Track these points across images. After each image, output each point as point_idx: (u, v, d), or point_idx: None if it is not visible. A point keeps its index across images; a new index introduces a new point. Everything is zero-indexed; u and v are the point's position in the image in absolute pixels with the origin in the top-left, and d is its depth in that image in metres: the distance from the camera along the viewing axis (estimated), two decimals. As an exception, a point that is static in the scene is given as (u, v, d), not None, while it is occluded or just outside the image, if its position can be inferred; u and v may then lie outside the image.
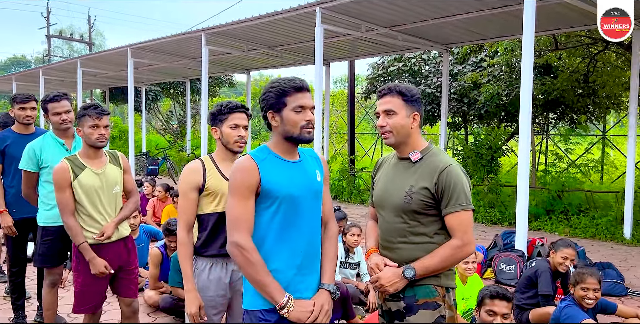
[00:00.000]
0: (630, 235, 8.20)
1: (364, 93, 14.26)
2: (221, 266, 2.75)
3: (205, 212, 2.75)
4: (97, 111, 3.26)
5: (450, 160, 2.32)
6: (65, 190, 3.23)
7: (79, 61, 14.88)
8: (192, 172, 2.75)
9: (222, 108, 2.81)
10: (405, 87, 2.38)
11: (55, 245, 3.76)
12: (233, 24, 9.77)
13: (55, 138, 3.86)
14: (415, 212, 2.30)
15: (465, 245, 2.24)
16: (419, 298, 2.27)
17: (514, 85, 11.42)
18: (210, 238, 2.74)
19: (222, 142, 2.82)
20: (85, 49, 53.04)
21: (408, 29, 9.47)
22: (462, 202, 2.23)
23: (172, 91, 22.36)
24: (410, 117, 2.36)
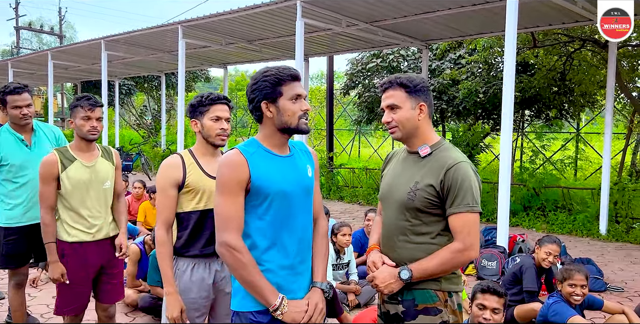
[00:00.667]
0: (605, 230, 8.33)
1: (343, 89, 14.19)
2: (204, 267, 2.62)
3: (185, 210, 2.60)
4: (89, 102, 3.11)
5: (461, 157, 2.16)
6: (50, 184, 3.08)
7: (50, 53, 14.46)
8: (171, 167, 2.60)
9: (202, 100, 2.65)
10: (407, 78, 2.22)
11: (18, 245, 3.59)
12: (211, 16, 9.59)
13: (13, 133, 3.62)
14: (418, 210, 2.15)
15: (466, 249, 2.08)
16: (419, 303, 2.15)
17: (492, 83, 11.50)
18: (192, 237, 2.60)
19: (203, 135, 2.66)
20: (55, 42, 51.74)
21: (388, 24, 9.43)
22: (467, 203, 2.08)
23: (146, 85, 21.99)
24: (416, 108, 2.20)
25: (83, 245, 3.14)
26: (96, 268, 3.21)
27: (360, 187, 12.30)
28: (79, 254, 3.12)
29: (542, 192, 9.78)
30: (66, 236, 3.11)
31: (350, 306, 4.80)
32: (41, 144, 3.69)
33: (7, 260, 3.62)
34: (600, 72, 10.48)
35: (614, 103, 12.32)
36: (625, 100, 10.49)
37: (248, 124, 25.52)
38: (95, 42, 12.45)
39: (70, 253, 3.10)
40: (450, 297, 2.16)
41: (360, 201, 11.67)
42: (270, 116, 2.06)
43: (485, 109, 12.15)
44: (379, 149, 19.83)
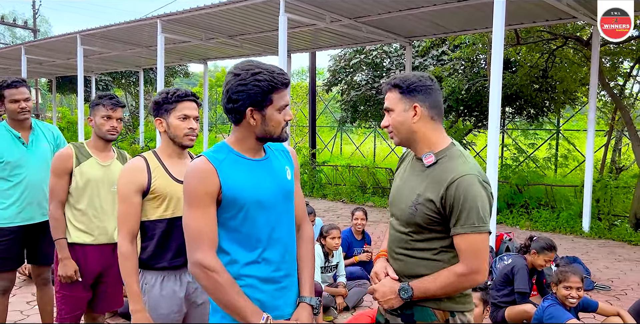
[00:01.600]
0: (588, 228, 8.36)
1: (326, 85, 14.06)
2: (174, 279, 2.39)
3: (150, 218, 2.37)
4: (112, 102, 2.98)
5: (468, 169, 1.90)
6: (62, 177, 2.96)
7: (23, 48, 14.03)
8: (135, 171, 2.35)
9: (168, 96, 2.40)
10: (402, 77, 2.02)
11: (10, 247, 3.41)
12: (191, 10, 9.37)
13: (10, 130, 3.46)
14: (419, 225, 1.97)
15: (472, 273, 1.89)
16: (417, 320, 2.01)
17: (474, 80, 11.49)
18: (159, 248, 2.37)
19: (169, 136, 2.42)
20: (29, 36, 50.55)
21: (372, 20, 9.32)
22: (472, 222, 1.85)
23: (123, 81, 21.57)
24: (409, 110, 1.98)
25: (84, 247, 3.00)
26: (95, 273, 3.06)
27: (343, 185, 12.20)
28: (79, 256, 2.99)
29: (525, 190, 9.80)
30: (67, 237, 2.98)
31: (339, 309, 4.69)
32: (39, 143, 3.53)
33: None
34: (582, 69, 10.53)
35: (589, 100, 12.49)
36: (606, 97, 10.55)
37: (228, 121, 25.23)
38: (70, 36, 12.10)
39: (70, 255, 2.97)
40: (452, 316, 1.99)
41: (344, 199, 11.57)
42: (253, 123, 1.84)
43: (468, 106, 12.14)
44: (360, 146, 19.76)
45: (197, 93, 18.41)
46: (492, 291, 4.54)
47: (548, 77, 10.81)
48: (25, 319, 4.37)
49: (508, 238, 6.34)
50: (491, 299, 4.51)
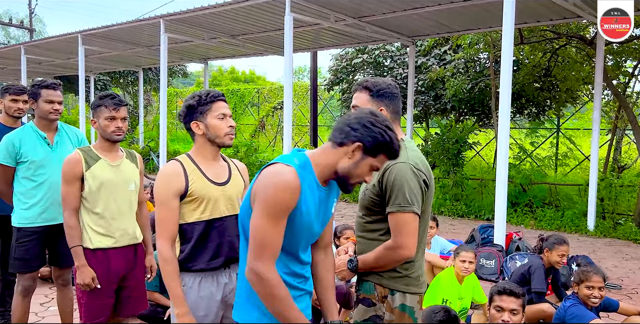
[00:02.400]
0: (593, 227, 8.38)
1: (327, 85, 14.04)
2: (211, 281, 2.40)
3: (188, 221, 2.37)
4: (114, 101, 2.91)
5: (402, 158, 2.14)
6: (74, 184, 2.89)
7: (22, 47, 13.96)
8: (172, 175, 2.35)
9: (202, 98, 2.40)
10: (373, 82, 2.32)
11: (32, 247, 3.38)
12: (195, 10, 9.35)
13: (36, 130, 3.47)
14: (366, 208, 2.28)
15: (398, 248, 2.14)
16: (361, 293, 2.28)
17: (477, 79, 11.51)
18: (197, 250, 2.38)
19: (208, 137, 2.42)
20: (23, 36, 50.21)
21: (377, 20, 9.32)
22: (399, 203, 2.12)
23: (122, 81, 21.48)
24: None
25: (106, 252, 2.95)
26: (118, 277, 3.01)
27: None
28: (102, 262, 2.93)
29: (529, 188, 9.82)
30: (88, 243, 2.92)
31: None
32: (63, 144, 3.54)
33: (20, 263, 3.40)
34: (584, 68, 10.56)
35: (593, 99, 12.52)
36: (610, 96, 10.59)
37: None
38: (71, 36, 12.04)
39: (93, 262, 2.91)
40: (392, 294, 2.22)
41: (347, 198, 11.56)
42: (349, 158, 1.91)
43: (471, 105, 12.17)
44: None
45: (196, 93, 18.31)
46: (508, 290, 4.55)
47: (550, 76, 10.84)
48: (41, 320, 4.35)
49: (517, 237, 6.34)
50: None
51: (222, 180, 2.46)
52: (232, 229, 2.44)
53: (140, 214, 3.20)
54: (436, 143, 10.22)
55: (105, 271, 2.95)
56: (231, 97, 23.87)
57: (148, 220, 3.30)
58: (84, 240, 2.92)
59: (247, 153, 14.02)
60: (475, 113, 12.51)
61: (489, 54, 11.02)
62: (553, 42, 10.34)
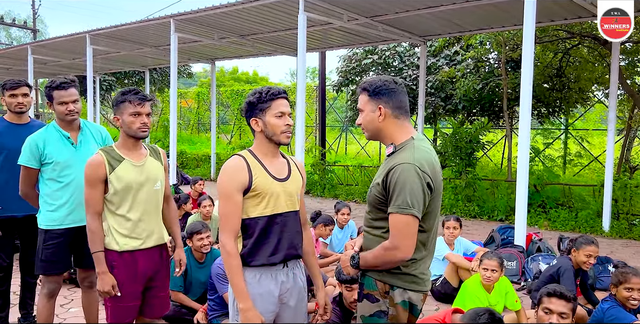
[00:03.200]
0: (609, 227, 8.32)
1: (335, 85, 13.98)
2: (271, 278, 2.42)
3: (250, 216, 2.40)
4: (138, 96, 2.82)
5: (408, 159, 2.18)
6: (97, 187, 2.80)
7: (29, 48, 13.89)
8: (237, 171, 2.38)
9: (262, 96, 2.42)
10: (369, 82, 2.34)
11: (59, 250, 3.32)
12: (206, 10, 9.28)
13: (59, 130, 3.38)
14: (371, 205, 2.33)
15: (393, 249, 2.16)
16: (365, 288, 2.32)
17: (488, 79, 11.45)
18: (258, 245, 2.40)
19: (266, 134, 2.44)
20: (25, 37, 50.12)
21: (389, 19, 9.26)
22: (399, 204, 2.14)
23: (126, 81, 21.42)
24: (376, 111, 2.30)
25: (133, 254, 2.87)
26: (145, 279, 2.94)
27: (355, 185, 12.13)
28: (129, 264, 2.86)
29: (542, 189, 9.75)
30: (115, 245, 2.84)
31: None
32: (87, 143, 3.45)
33: (46, 265, 3.33)
34: (597, 68, 10.51)
35: (607, 99, 12.45)
36: (620, 96, 10.53)
37: (230, 121, 25.10)
38: (79, 35, 11.98)
39: (120, 264, 2.84)
40: (392, 290, 2.24)
41: (357, 199, 11.50)
42: None
43: (481, 105, 12.10)
44: (366, 146, 19.68)
45: (200, 93, 18.23)
46: (535, 292, 4.48)
47: (563, 76, 10.77)
48: (63, 321, 4.28)
49: (537, 238, 6.28)
50: (535, 300, 4.46)
51: (283, 176, 2.48)
52: (292, 225, 2.49)
53: (168, 208, 3.14)
54: (448, 143, 10.15)
55: (132, 273, 2.88)
56: (236, 97, 23.80)
57: (176, 214, 3.25)
58: (110, 242, 2.85)
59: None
60: (485, 114, 12.43)
61: (500, 54, 10.96)
62: (565, 41, 10.28)
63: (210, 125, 25.44)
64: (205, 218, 6.05)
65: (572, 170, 13.84)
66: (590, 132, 13.94)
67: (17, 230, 3.86)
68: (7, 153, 3.68)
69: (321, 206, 10.69)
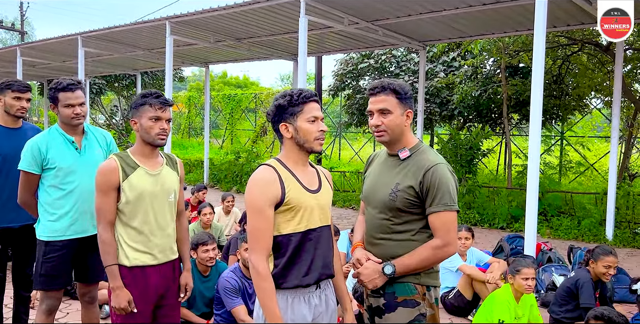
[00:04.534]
0: (612, 236, 8.21)
1: (332, 90, 13.81)
2: (304, 302, 2.20)
3: (283, 233, 2.17)
4: (160, 100, 2.62)
5: (438, 159, 2.30)
6: (109, 195, 2.60)
7: (18, 49, 13.55)
8: (268, 183, 2.15)
9: (293, 99, 2.20)
10: (399, 85, 2.34)
11: (61, 263, 3.10)
12: (203, 12, 9.07)
13: (63, 134, 3.17)
14: (399, 210, 2.29)
15: (446, 245, 2.22)
16: (398, 296, 2.27)
17: (486, 86, 11.35)
18: (291, 265, 2.18)
19: (297, 141, 2.21)
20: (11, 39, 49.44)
21: (390, 23, 9.11)
22: (445, 202, 2.21)
23: (116, 85, 21.07)
24: (404, 115, 2.34)
25: (145, 269, 2.66)
26: (156, 297, 2.73)
27: (352, 191, 11.95)
28: (140, 281, 2.65)
29: (543, 196, 9.63)
30: (125, 260, 2.63)
31: None
32: (91, 148, 3.24)
33: (47, 280, 3.10)
34: (597, 75, 10.45)
35: (604, 107, 12.42)
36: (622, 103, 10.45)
37: (222, 125, 24.85)
38: (71, 37, 11.68)
39: (130, 281, 2.62)
40: (428, 291, 2.28)
41: (354, 206, 11.31)
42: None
43: (479, 112, 12.00)
44: (359, 152, 19.54)
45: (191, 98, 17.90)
46: (553, 306, 4.33)
47: (563, 82, 10.70)
48: (58, 340, 4.04)
49: (547, 248, 6.13)
50: (553, 315, 4.30)
51: (315, 188, 2.28)
52: (325, 241, 2.26)
53: (180, 226, 2.92)
54: (447, 150, 10.00)
55: (143, 290, 2.67)
56: (228, 101, 23.57)
57: (188, 233, 3.03)
58: (120, 256, 2.64)
59: (248, 159, 13.75)
60: (483, 120, 12.33)
61: (499, 60, 10.87)
62: (566, 48, 10.21)
63: (200, 129, 25.32)
64: (205, 227, 5.83)
65: (569, 177, 13.79)
66: (587, 139, 13.90)
67: (13, 241, 3.62)
68: (1, 159, 3.44)
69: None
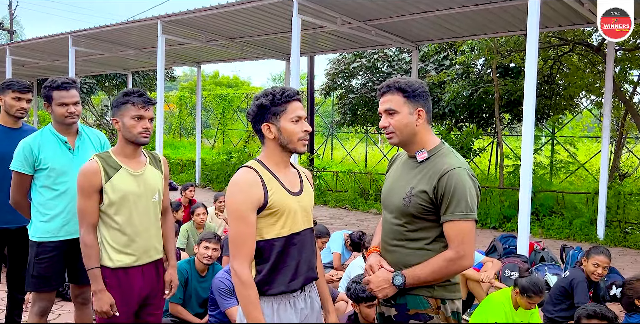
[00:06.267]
0: (603, 235, 8.26)
1: (324, 89, 13.80)
2: (290, 308, 2.13)
3: (266, 238, 2.09)
4: (143, 99, 2.57)
5: (458, 163, 2.10)
6: (91, 197, 2.55)
7: (8, 48, 13.42)
8: (250, 186, 2.06)
9: (276, 97, 2.10)
10: (406, 82, 2.18)
11: (53, 264, 3.06)
12: (195, 11, 9.04)
13: (56, 134, 3.13)
14: (413, 216, 2.13)
15: (460, 258, 2.05)
16: (410, 308, 2.14)
17: (478, 85, 11.39)
18: (275, 271, 2.10)
19: (281, 141, 2.13)
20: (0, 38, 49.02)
21: (383, 23, 9.13)
22: (461, 210, 2.02)
23: (107, 84, 20.94)
24: (414, 113, 2.17)
25: (128, 271, 2.62)
26: (141, 298, 2.69)
27: (345, 191, 11.94)
28: (123, 283, 2.61)
29: (534, 196, 9.67)
30: (108, 262, 2.59)
31: None
32: (85, 149, 3.19)
33: (39, 282, 3.06)
34: (587, 75, 10.51)
35: (594, 107, 12.50)
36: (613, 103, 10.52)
37: (213, 125, 24.77)
38: (61, 36, 11.58)
39: (113, 282, 2.58)
40: (443, 304, 2.13)
41: (346, 206, 11.31)
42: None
43: (470, 111, 12.03)
44: (352, 152, 19.54)
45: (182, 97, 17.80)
46: (547, 305, 4.35)
47: (554, 83, 10.75)
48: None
49: (540, 247, 6.15)
50: (547, 314, 4.32)
51: (297, 190, 2.20)
52: (309, 244, 2.20)
53: (165, 223, 2.89)
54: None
55: (126, 292, 2.64)
56: (219, 101, 23.50)
57: (173, 230, 3.01)
58: (103, 258, 2.60)
59: (240, 159, 13.71)
60: (475, 120, 12.37)
61: (491, 60, 10.91)
62: (557, 48, 10.27)
63: (192, 129, 25.19)
64: (199, 227, 5.80)
65: (560, 177, 13.86)
66: (577, 139, 13.99)
67: (9, 242, 3.57)
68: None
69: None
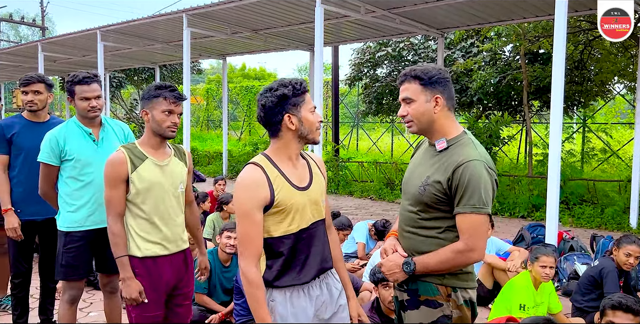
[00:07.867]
0: (636, 224, 8.07)
1: (348, 79, 13.75)
2: (303, 295, 2.13)
3: (274, 235, 2.08)
4: (174, 94, 2.62)
5: (476, 155, 2.06)
6: (118, 187, 2.61)
7: (40, 45, 13.74)
8: (256, 185, 2.03)
9: (296, 88, 2.06)
10: (422, 69, 2.15)
11: (80, 253, 3.15)
12: (220, 4, 9.08)
13: (80, 126, 3.22)
14: (426, 205, 2.13)
15: (468, 251, 2.04)
16: (421, 294, 2.16)
17: (505, 72, 11.19)
18: (284, 267, 2.10)
19: (301, 132, 2.09)
20: (32, 35, 50.15)
21: (407, 11, 9.02)
22: (473, 203, 2.00)
23: (136, 78, 21.27)
24: (432, 101, 2.13)
25: (157, 260, 2.68)
26: (169, 287, 2.76)
27: (371, 181, 11.92)
28: (152, 272, 2.67)
29: (564, 185, 9.50)
30: (136, 251, 2.65)
31: None
32: (109, 140, 3.28)
33: (67, 270, 3.16)
34: (619, 59, 10.23)
35: (627, 92, 12.16)
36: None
37: (240, 117, 24.96)
38: (90, 32, 11.80)
39: (142, 272, 2.65)
40: (454, 292, 2.14)
41: (372, 196, 11.29)
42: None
43: (499, 99, 11.85)
44: (377, 142, 19.45)
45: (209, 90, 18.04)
46: (576, 295, 4.29)
47: (583, 68, 10.49)
48: (84, 328, 4.13)
49: (569, 237, 6.05)
50: (576, 303, 4.26)
51: (305, 184, 2.17)
52: (320, 236, 2.19)
53: (191, 213, 2.98)
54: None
55: (156, 281, 2.70)
56: (245, 93, 23.65)
57: (199, 219, 3.09)
58: (131, 247, 2.67)
59: (267, 150, 13.80)
60: (504, 108, 12.17)
61: (519, 46, 10.69)
62: (588, 33, 10.00)
63: (219, 122, 25.41)
64: (225, 218, 5.89)
65: (592, 165, 13.56)
66: (610, 126, 13.64)
67: (37, 233, 3.69)
68: (25, 153, 3.51)
69: (336, 203, 10.50)
